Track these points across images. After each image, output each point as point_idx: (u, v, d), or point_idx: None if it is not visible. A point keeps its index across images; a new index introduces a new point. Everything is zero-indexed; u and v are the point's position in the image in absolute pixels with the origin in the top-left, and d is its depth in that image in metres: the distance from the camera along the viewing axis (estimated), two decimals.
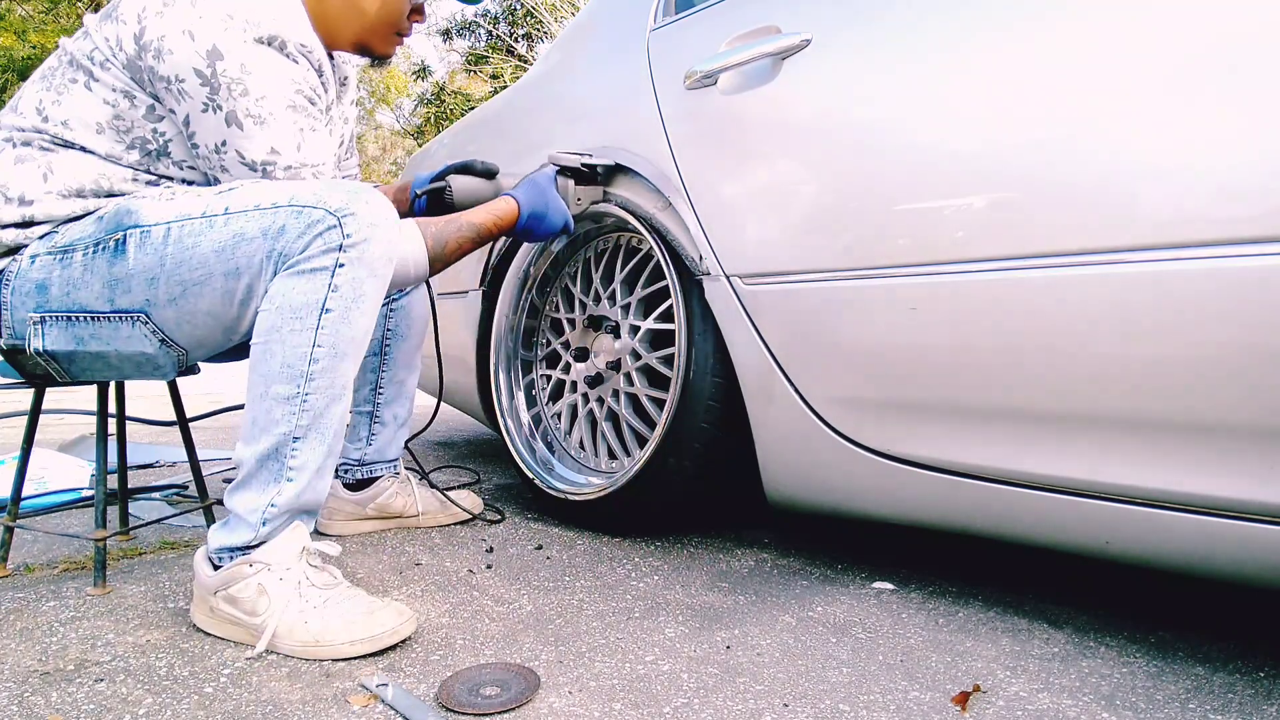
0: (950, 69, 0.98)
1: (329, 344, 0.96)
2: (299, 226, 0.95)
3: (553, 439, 1.69)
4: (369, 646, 0.92)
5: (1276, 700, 0.82)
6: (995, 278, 0.92)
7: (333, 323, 0.95)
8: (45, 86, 1.07)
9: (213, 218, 0.97)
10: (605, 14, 1.67)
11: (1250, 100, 0.75)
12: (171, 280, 0.98)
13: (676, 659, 0.92)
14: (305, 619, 0.93)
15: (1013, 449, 0.96)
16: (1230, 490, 0.80)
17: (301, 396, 0.96)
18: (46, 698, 0.81)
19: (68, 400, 2.83)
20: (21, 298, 1.04)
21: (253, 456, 0.97)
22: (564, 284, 1.71)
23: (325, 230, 0.94)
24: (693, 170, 1.29)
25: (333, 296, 0.95)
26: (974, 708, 0.80)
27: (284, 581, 0.96)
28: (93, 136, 1.04)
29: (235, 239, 0.96)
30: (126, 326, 1.02)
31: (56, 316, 1.03)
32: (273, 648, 0.93)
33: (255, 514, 0.97)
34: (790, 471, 1.23)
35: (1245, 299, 0.75)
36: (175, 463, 2.13)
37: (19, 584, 1.16)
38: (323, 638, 0.92)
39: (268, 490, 0.97)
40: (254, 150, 1.03)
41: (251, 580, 0.96)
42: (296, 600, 0.95)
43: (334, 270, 0.94)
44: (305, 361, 0.95)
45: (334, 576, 1.01)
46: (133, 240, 0.99)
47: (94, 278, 1.01)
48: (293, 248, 0.95)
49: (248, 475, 0.98)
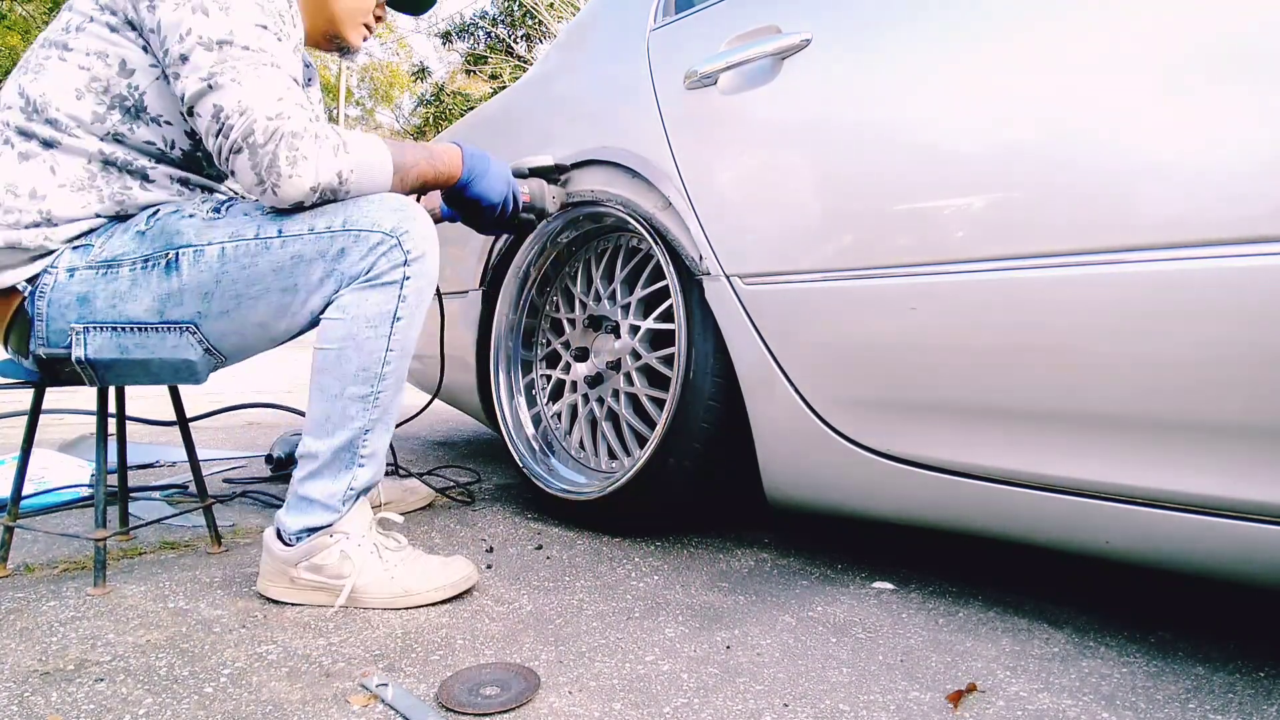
0: (950, 69, 0.98)
1: (399, 347, 1.08)
2: (360, 249, 1.04)
3: (553, 439, 1.69)
4: (449, 591, 1.10)
5: (1276, 700, 0.82)
6: (995, 278, 0.92)
7: (402, 328, 1.07)
8: (22, 72, 1.10)
9: (268, 240, 1.04)
10: (605, 14, 1.67)
11: (1251, 100, 0.75)
12: (226, 295, 1.05)
13: (676, 659, 0.92)
14: (391, 575, 1.09)
15: (1013, 449, 0.96)
16: (1230, 490, 0.80)
17: (374, 394, 1.08)
18: (46, 698, 0.81)
19: (68, 400, 2.83)
20: (60, 309, 1.08)
21: (328, 449, 1.08)
22: (564, 284, 1.71)
23: (388, 250, 1.04)
24: (693, 170, 1.29)
25: (402, 306, 1.06)
26: (974, 707, 0.80)
27: (361, 547, 1.09)
28: (73, 103, 1.06)
29: (293, 260, 1.04)
30: (174, 336, 1.08)
31: (101, 327, 1.08)
32: (360, 603, 1.08)
33: (335, 498, 1.09)
34: (790, 471, 1.23)
35: (1246, 299, 0.75)
36: (175, 463, 2.13)
37: (19, 584, 1.16)
38: (410, 588, 1.08)
39: (342, 477, 1.09)
40: (213, 29, 0.99)
41: (334, 549, 1.08)
42: (377, 562, 1.09)
43: (402, 283, 1.06)
44: (380, 364, 1.07)
45: (400, 541, 1.15)
46: (185, 258, 1.05)
47: (143, 292, 1.06)
48: (357, 268, 1.04)
49: (323, 465, 1.09)
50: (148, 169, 1.11)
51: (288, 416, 2.92)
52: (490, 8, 16.19)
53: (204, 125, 1.01)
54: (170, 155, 1.12)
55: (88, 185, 1.08)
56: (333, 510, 1.09)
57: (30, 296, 1.08)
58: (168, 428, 1.94)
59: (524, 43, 15.89)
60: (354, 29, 1.28)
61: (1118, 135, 0.83)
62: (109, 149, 1.08)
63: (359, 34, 1.30)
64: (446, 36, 16.43)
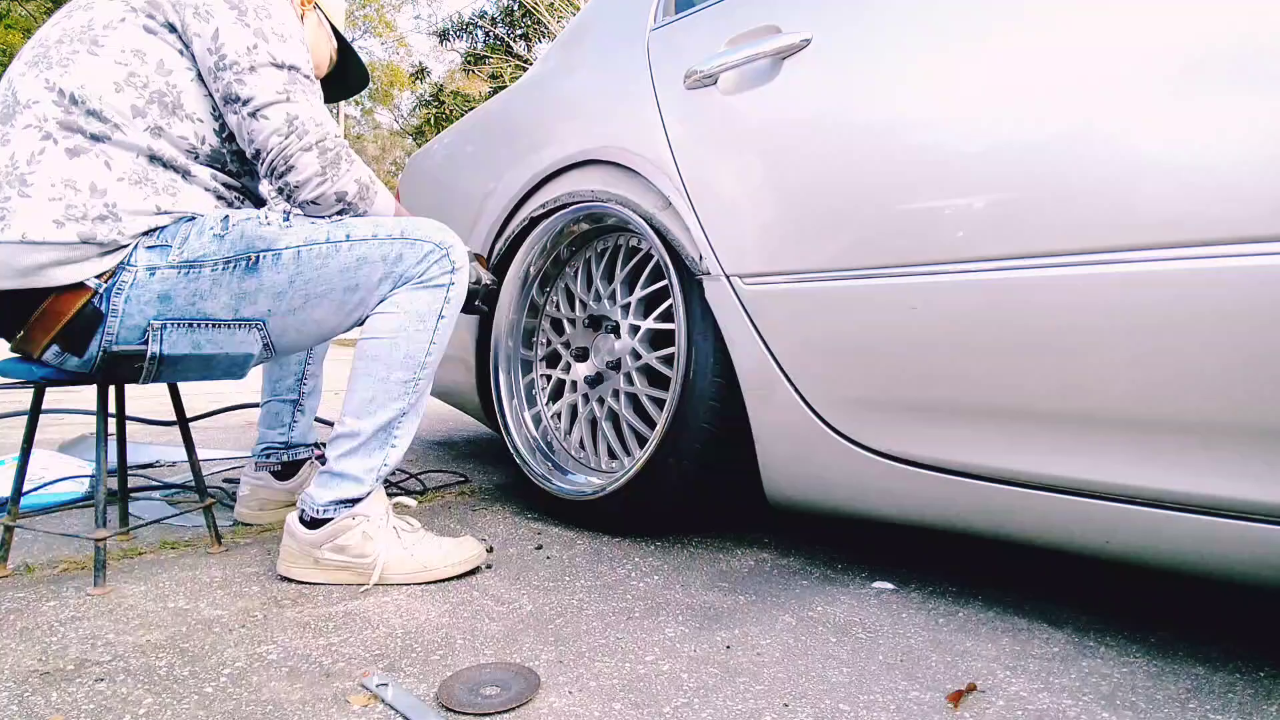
0: (950, 69, 0.98)
1: (440, 341, 1.22)
2: (415, 255, 1.18)
3: (552, 439, 1.69)
4: (463, 567, 1.21)
5: (1276, 700, 0.82)
6: (995, 277, 0.92)
7: (444, 326, 1.22)
8: (44, 67, 1.10)
9: (337, 243, 1.16)
10: (605, 14, 1.67)
11: (1251, 100, 0.75)
12: (297, 294, 1.16)
13: (676, 659, 0.92)
14: (411, 553, 1.19)
15: (1013, 448, 0.96)
16: (1230, 490, 0.80)
17: (416, 380, 1.21)
18: (46, 698, 0.81)
19: (68, 400, 2.83)
20: (140, 306, 1.11)
21: (371, 427, 1.19)
22: (565, 283, 1.71)
23: (439, 259, 1.20)
24: (693, 170, 1.29)
25: (446, 306, 1.21)
26: (974, 707, 0.80)
27: (382, 528, 1.19)
28: (114, 96, 1.09)
29: (359, 262, 1.17)
30: (243, 332, 1.18)
31: (178, 323, 1.14)
32: (384, 580, 1.17)
33: (370, 473, 1.20)
34: (790, 471, 1.23)
35: (1245, 299, 0.75)
36: (175, 463, 2.13)
37: (19, 584, 1.16)
38: (428, 564, 1.19)
39: (377, 454, 1.20)
40: (284, 55, 1.14)
41: (356, 530, 1.18)
42: (396, 541, 1.19)
43: (448, 286, 1.21)
44: (424, 354, 1.20)
45: (412, 524, 1.25)
46: (265, 260, 1.14)
47: (222, 290, 1.14)
48: (412, 271, 1.18)
49: (362, 443, 1.19)
50: (188, 166, 1.16)
51: None
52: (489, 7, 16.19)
53: (269, 125, 1.13)
54: (200, 150, 1.18)
55: (143, 179, 1.11)
56: (364, 484, 1.19)
57: (106, 293, 1.09)
58: (168, 428, 1.94)
59: (523, 42, 15.89)
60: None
61: (1118, 135, 0.83)
62: (154, 144, 1.12)
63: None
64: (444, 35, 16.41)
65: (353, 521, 1.17)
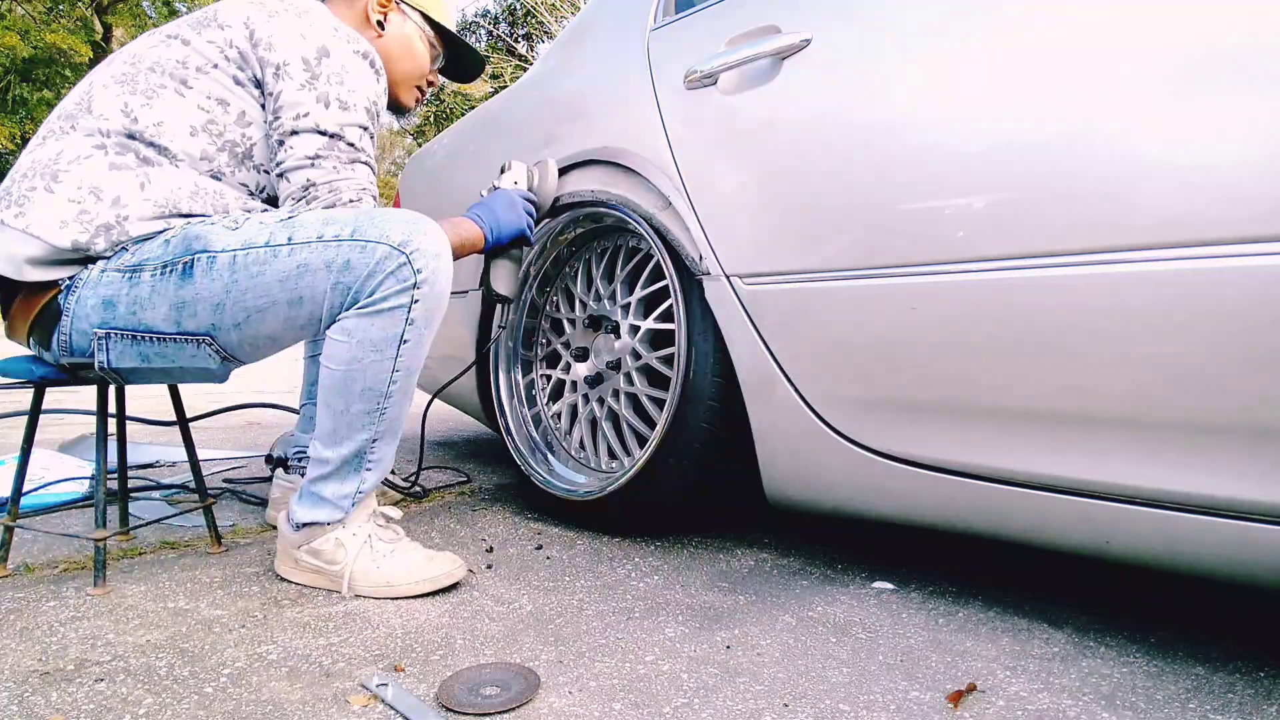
0: (950, 69, 0.98)
1: (405, 367, 1.09)
2: (366, 262, 1.02)
3: (552, 439, 1.69)
4: (429, 586, 1.12)
5: (1276, 700, 0.82)
6: (995, 277, 0.92)
7: (409, 350, 1.08)
8: (129, 90, 1.11)
9: (277, 248, 1.04)
10: (605, 14, 1.67)
11: (1251, 100, 0.75)
12: (237, 307, 1.05)
13: (676, 659, 0.92)
14: (377, 565, 1.12)
15: (1013, 449, 0.96)
16: (1230, 490, 0.80)
17: (380, 410, 1.10)
18: (46, 698, 0.81)
19: (68, 400, 2.83)
20: (86, 310, 1.08)
21: (337, 457, 1.12)
22: (564, 283, 1.71)
23: (396, 269, 1.03)
24: (692, 170, 1.29)
25: (409, 329, 1.06)
26: (974, 707, 0.80)
27: (356, 536, 1.14)
28: (187, 139, 1.11)
29: (299, 269, 1.03)
30: (191, 347, 1.09)
31: (121, 334, 1.08)
32: (353, 590, 1.12)
33: (345, 500, 1.14)
34: (790, 471, 1.23)
35: (1245, 299, 0.75)
36: (175, 463, 2.13)
37: (19, 584, 1.16)
38: (392, 580, 1.11)
39: (351, 481, 1.14)
40: (330, 123, 1.13)
41: (331, 536, 1.14)
42: (368, 551, 1.13)
43: (409, 307, 1.05)
44: (385, 385, 1.08)
45: (397, 533, 1.19)
46: (200, 265, 1.04)
47: (161, 300, 1.06)
48: (363, 286, 1.03)
49: (332, 470, 1.13)
50: (228, 206, 1.15)
51: (288, 416, 2.92)
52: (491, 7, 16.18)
53: (288, 189, 1.13)
54: (257, 196, 1.20)
55: (174, 203, 1.10)
56: (340, 510, 1.14)
57: (65, 291, 1.08)
58: (168, 428, 1.94)
59: (524, 42, 15.88)
60: (407, 92, 1.39)
61: (1118, 135, 0.83)
62: (204, 183, 1.13)
63: (411, 96, 1.40)
64: None
65: (328, 527, 1.14)
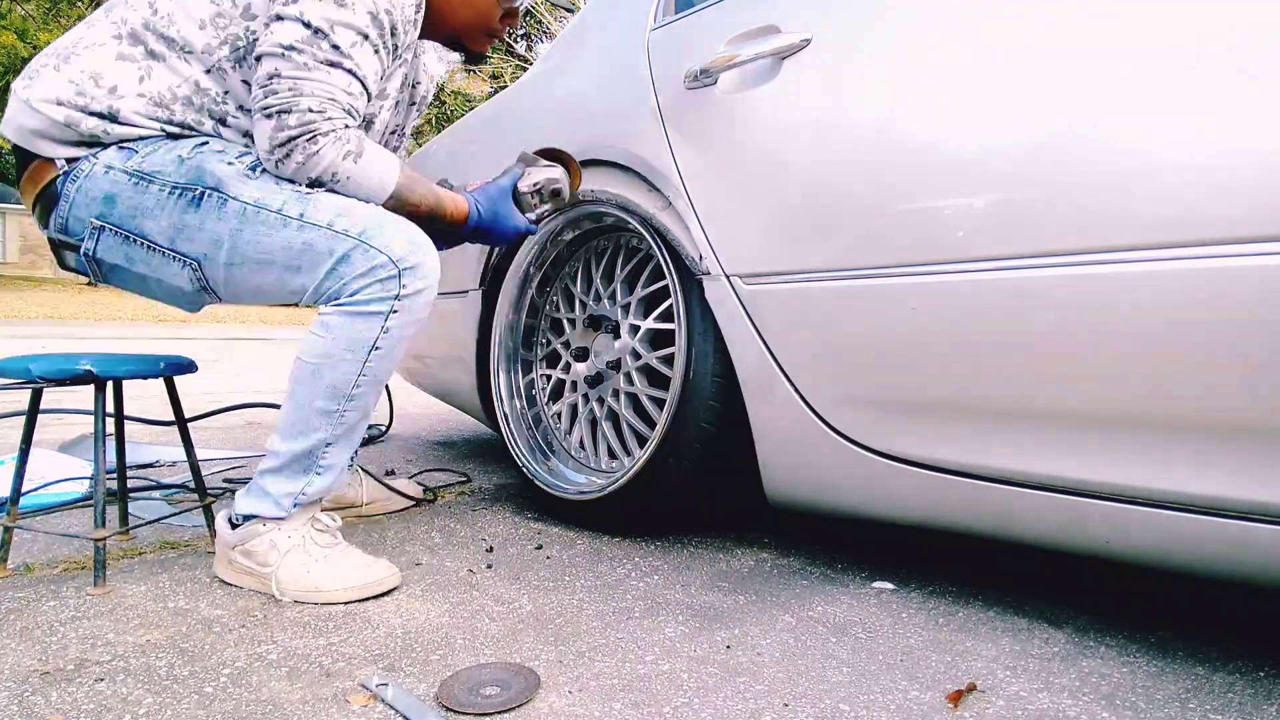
0: (950, 69, 0.98)
1: (372, 375, 1.10)
2: (363, 264, 1.06)
3: (553, 439, 1.69)
4: (357, 594, 1.09)
5: (1276, 700, 0.82)
6: (995, 277, 0.92)
7: (379, 358, 1.09)
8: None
9: (288, 219, 1.06)
10: (605, 14, 1.67)
11: (1251, 99, 0.75)
12: (235, 252, 1.08)
13: (676, 659, 0.92)
14: (308, 569, 1.09)
15: (1013, 448, 0.96)
16: (1230, 490, 0.80)
17: (341, 413, 1.11)
18: (46, 698, 0.81)
19: (68, 400, 2.83)
20: (87, 200, 1.10)
21: (289, 452, 1.11)
22: (564, 283, 1.71)
23: (386, 278, 1.06)
24: (693, 170, 1.29)
25: (383, 337, 1.08)
26: (974, 707, 0.80)
27: (291, 538, 1.12)
28: (196, 31, 1.10)
29: (304, 246, 1.06)
30: (177, 266, 1.11)
31: (115, 230, 1.11)
32: (281, 593, 1.09)
33: (287, 498, 1.12)
34: (790, 471, 1.23)
35: (1245, 299, 0.75)
36: (175, 462, 2.13)
37: (19, 584, 1.16)
38: (319, 585, 1.08)
39: (299, 480, 1.12)
40: (316, 15, 1.03)
41: (265, 536, 1.12)
42: (301, 554, 1.11)
43: (388, 315, 1.07)
44: (349, 387, 1.10)
45: (335, 538, 1.16)
46: (210, 202, 1.07)
47: (163, 214, 1.08)
48: (352, 283, 1.06)
49: (283, 464, 1.12)
50: (228, 114, 1.15)
51: None
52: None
53: (257, 77, 1.06)
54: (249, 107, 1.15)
55: (168, 103, 1.11)
56: (281, 509, 1.12)
57: (64, 176, 1.11)
58: (168, 428, 1.94)
59: (524, 42, 15.89)
60: (475, 40, 1.31)
61: (1118, 135, 0.83)
62: (205, 82, 1.12)
63: (482, 45, 1.32)
64: None
65: (263, 528, 1.12)
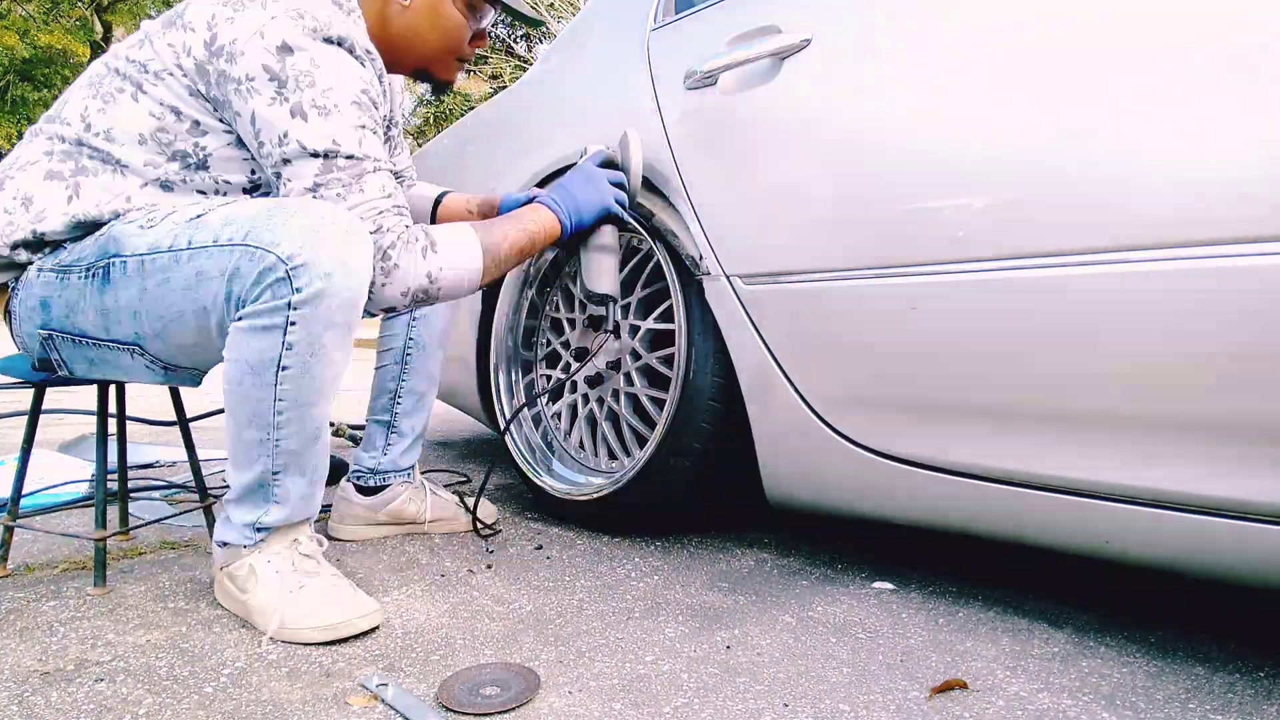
0: (950, 69, 0.98)
1: (291, 398, 0.96)
2: (252, 271, 0.91)
3: (553, 439, 1.69)
4: (326, 634, 0.95)
5: (1276, 700, 0.82)
6: (995, 277, 0.92)
7: (292, 378, 0.94)
8: (92, 94, 1.06)
9: (179, 253, 0.95)
10: (605, 14, 1.67)
11: (1251, 99, 0.75)
12: (151, 316, 0.98)
13: (676, 659, 0.92)
14: (276, 605, 0.97)
15: (1013, 449, 0.96)
16: (1230, 490, 0.80)
17: (273, 441, 0.98)
18: (46, 698, 0.81)
19: (68, 400, 2.83)
20: (27, 311, 1.06)
21: (239, 483, 1.02)
22: (564, 284, 1.71)
23: (274, 282, 0.90)
24: (693, 170, 1.29)
25: (288, 355, 0.93)
26: (974, 707, 0.80)
27: (270, 564, 1.02)
28: (135, 148, 1.03)
29: (198, 278, 0.94)
30: (126, 356, 1.04)
31: (63, 336, 1.05)
32: (255, 625, 0.99)
33: (248, 527, 1.03)
34: (790, 471, 1.23)
35: (1245, 299, 0.75)
36: (175, 463, 2.13)
37: (19, 584, 1.16)
38: (288, 621, 0.96)
39: (256, 510, 1.03)
40: (316, 139, 0.99)
41: (245, 561, 1.03)
42: (277, 584, 0.99)
43: (285, 328, 0.91)
44: (270, 414, 0.96)
45: (318, 563, 1.05)
46: (115, 270, 0.98)
47: (87, 305, 1.01)
48: (247, 294, 0.92)
49: (239, 495, 1.03)
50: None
51: None
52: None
53: None
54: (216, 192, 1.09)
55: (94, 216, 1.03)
56: (245, 537, 1.03)
57: (11, 294, 1.07)
58: (168, 428, 1.94)
59: (524, 42, 15.89)
60: (445, 67, 1.25)
61: (1118, 135, 0.83)
62: (139, 199, 1.04)
63: (451, 70, 1.26)
64: None
65: (244, 552, 1.03)
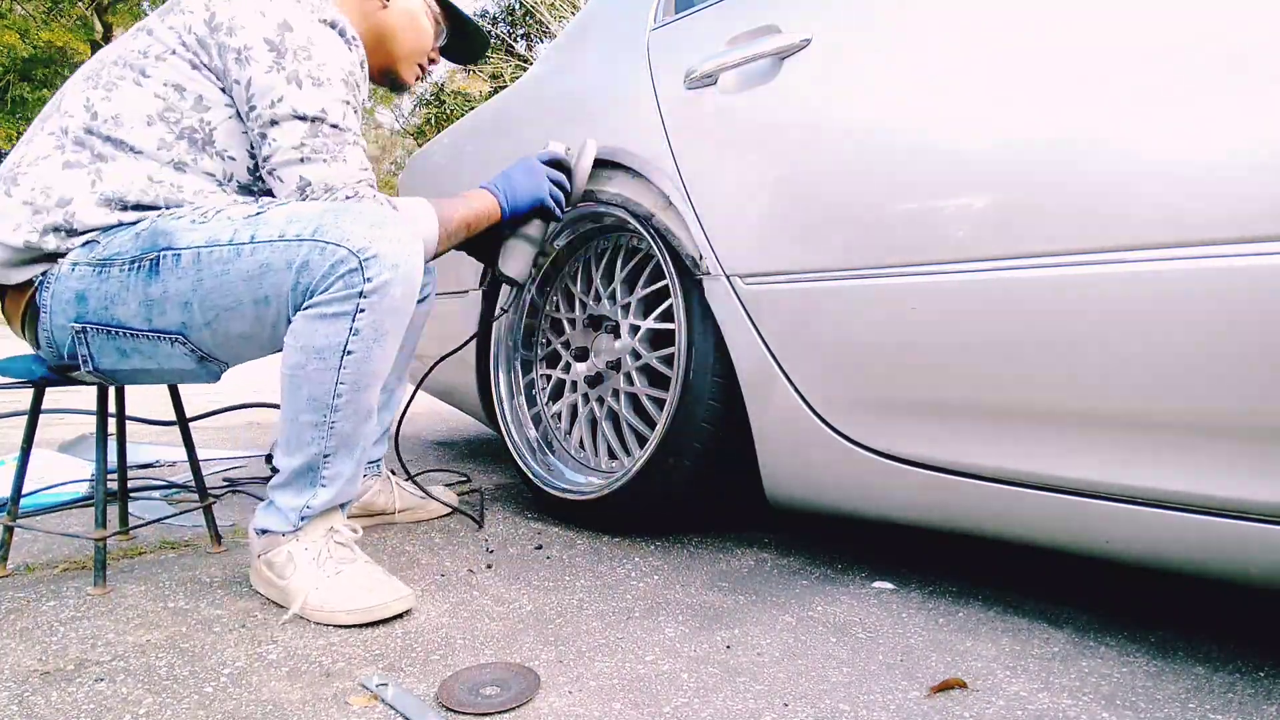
0: (950, 68, 0.98)
1: (351, 381, 1.03)
2: (323, 264, 0.98)
3: (553, 439, 1.69)
4: (362, 617, 1.01)
5: (1276, 700, 0.82)
6: (995, 277, 0.92)
7: (355, 363, 1.02)
8: (92, 85, 1.09)
9: (239, 246, 1.00)
10: (605, 14, 1.67)
11: (1251, 99, 0.75)
12: (204, 305, 1.03)
13: (676, 658, 0.92)
14: (317, 587, 1.04)
15: (1013, 449, 0.96)
16: (1230, 490, 0.80)
17: (329, 424, 1.04)
18: (46, 698, 0.81)
19: (68, 400, 2.83)
20: (61, 305, 1.07)
21: (289, 467, 1.07)
22: (564, 283, 1.71)
23: (347, 273, 0.98)
24: (693, 170, 1.29)
25: (354, 340, 1.00)
26: (974, 707, 0.80)
27: (308, 551, 1.07)
28: (143, 129, 1.07)
29: (262, 269, 1.00)
30: (165, 345, 1.07)
31: (97, 329, 1.07)
32: (293, 609, 1.04)
33: (294, 512, 1.08)
34: (790, 471, 1.23)
35: (1245, 299, 0.75)
36: (175, 463, 2.13)
37: (19, 584, 1.16)
38: (327, 604, 1.02)
39: (304, 494, 1.08)
40: (308, 105, 1.06)
41: (283, 548, 1.08)
42: (314, 570, 1.06)
43: (354, 315, 0.99)
44: (330, 396, 1.03)
45: (352, 551, 1.11)
46: (166, 262, 1.02)
47: (130, 296, 1.04)
48: (317, 285, 0.99)
49: (287, 479, 1.08)
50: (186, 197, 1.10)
51: None
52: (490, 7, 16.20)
53: (284, 188, 1.09)
54: (225, 186, 1.13)
55: (123, 195, 1.06)
56: (289, 523, 1.08)
57: (39, 289, 1.08)
58: (168, 428, 1.94)
59: (524, 42, 15.89)
60: (409, 69, 1.35)
61: (1118, 135, 0.83)
62: (161, 174, 1.08)
63: (413, 73, 1.37)
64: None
65: (282, 539, 1.08)
